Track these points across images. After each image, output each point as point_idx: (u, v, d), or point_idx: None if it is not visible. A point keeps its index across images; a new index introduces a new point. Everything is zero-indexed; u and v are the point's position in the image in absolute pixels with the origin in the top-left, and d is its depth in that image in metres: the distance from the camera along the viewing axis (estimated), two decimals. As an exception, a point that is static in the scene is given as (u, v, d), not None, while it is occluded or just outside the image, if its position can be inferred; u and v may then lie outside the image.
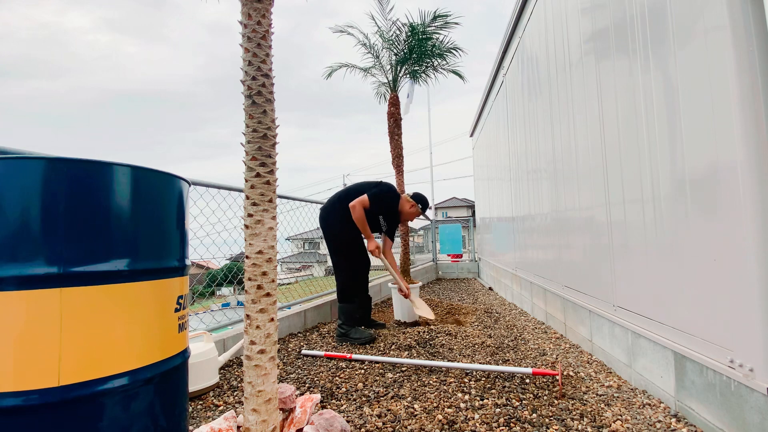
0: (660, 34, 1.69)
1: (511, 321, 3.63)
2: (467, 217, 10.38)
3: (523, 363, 2.36)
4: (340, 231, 3.09)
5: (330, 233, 3.13)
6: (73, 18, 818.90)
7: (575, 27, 2.68)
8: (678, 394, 1.66)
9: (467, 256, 9.51)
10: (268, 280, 1.26)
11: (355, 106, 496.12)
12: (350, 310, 3.03)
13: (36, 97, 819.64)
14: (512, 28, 4.50)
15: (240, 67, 1.28)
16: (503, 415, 1.67)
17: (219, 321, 2.74)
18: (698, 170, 1.49)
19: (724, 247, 1.37)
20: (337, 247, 3.11)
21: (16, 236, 0.96)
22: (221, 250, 2.88)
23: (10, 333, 0.93)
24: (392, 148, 4.27)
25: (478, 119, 7.86)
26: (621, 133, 2.08)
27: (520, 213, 4.60)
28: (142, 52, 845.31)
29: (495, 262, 6.30)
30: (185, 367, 1.30)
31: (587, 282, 2.61)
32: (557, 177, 3.14)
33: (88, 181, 1.03)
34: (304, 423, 1.38)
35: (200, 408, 1.88)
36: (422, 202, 3.30)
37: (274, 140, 1.30)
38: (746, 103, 1.27)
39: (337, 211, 3.11)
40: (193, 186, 2.41)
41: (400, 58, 4.40)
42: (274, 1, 1.33)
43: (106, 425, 1.00)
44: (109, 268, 1.04)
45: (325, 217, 3.17)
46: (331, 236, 3.13)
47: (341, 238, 3.09)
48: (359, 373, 2.24)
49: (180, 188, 1.28)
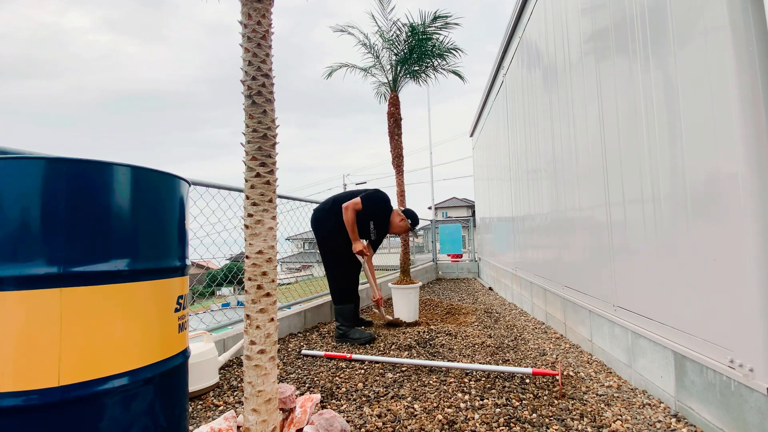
0: (660, 34, 1.69)
1: (511, 321, 3.63)
2: (467, 217, 10.38)
3: (523, 363, 2.36)
4: (331, 234, 3.10)
5: (321, 236, 3.15)
6: (73, 18, 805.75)
7: (575, 27, 2.68)
8: (678, 394, 1.66)
9: (467, 256, 9.50)
10: (268, 280, 1.26)
11: (355, 106, 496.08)
12: (347, 310, 3.03)
13: (36, 97, 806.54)
14: (512, 28, 4.50)
15: (240, 67, 1.28)
16: (503, 415, 1.67)
17: (219, 321, 2.74)
18: (698, 170, 1.49)
19: (724, 246, 1.37)
20: (330, 249, 3.12)
21: (16, 236, 0.96)
22: (221, 250, 2.88)
23: (10, 333, 0.93)
24: (392, 148, 4.26)
25: (478, 119, 7.87)
26: (621, 133, 2.08)
27: (520, 213, 4.60)
28: (142, 52, 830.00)
29: (495, 262, 6.30)
30: (185, 367, 1.30)
31: (587, 282, 2.61)
32: (557, 177, 3.14)
33: (88, 181, 1.03)
34: (304, 423, 1.38)
35: (200, 408, 1.88)
36: (413, 218, 3.37)
37: (274, 140, 1.30)
38: (746, 102, 1.27)
39: (329, 214, 3.12)
40: (193, 186, 2.41)
41: (400, 58, 4.40)
42: (274, 1, 1.33)
43: (106, 425, 1.00)
44: (109, 268, 1.04)
45: (317, 219, 3.18)
46: (322, 239, 3.15)
47: (333, 241, 3.10)
48: (359, 373, 2.24)
49: (180, 188, 1.28)
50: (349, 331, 2.93)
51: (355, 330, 2.94)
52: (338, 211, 3.06)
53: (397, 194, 4.21)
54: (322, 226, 3.14)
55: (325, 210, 3.17)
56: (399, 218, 3.30)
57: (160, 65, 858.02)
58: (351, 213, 2.98)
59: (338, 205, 3.08)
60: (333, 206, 3.13)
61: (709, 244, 1.45)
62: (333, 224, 3.08)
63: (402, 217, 3.31)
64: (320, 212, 3.19)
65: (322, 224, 3.14)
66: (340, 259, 3.12)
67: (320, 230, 3.15)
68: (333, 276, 3.13)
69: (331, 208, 3.13)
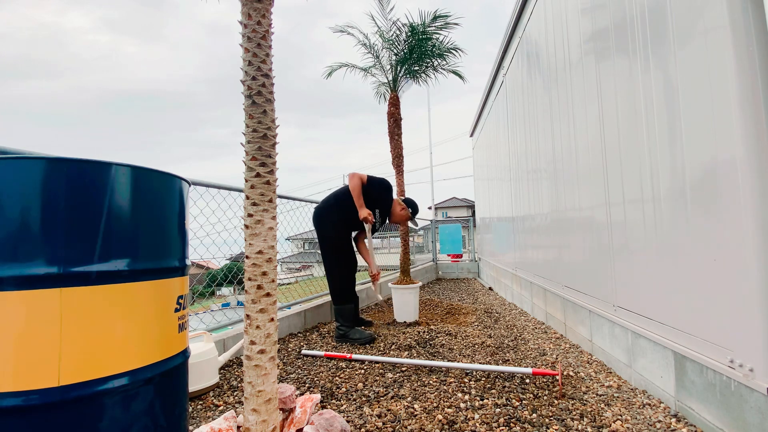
0: (660, 34, 1.69)
1: (511, 321, 3.63)
2: (467, 217, 10.38)
3: (523, 363, 2.36)
4: (334, 234, 3.10)
5: (323, 233, 3.15)
6: (73, 18, 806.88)
7: (575, 27, 2.68)
8: (678, 394, 1.66)
9: (467, 256, 9.50)
10: (268, 280, 1.26)
11: (355, 106, 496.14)
12: (347, 310, 3.03)
13: (36, 97, 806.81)
14: (512, 28, 4.50)
15: (240, 67, 1.28)
16: (503, 415, 1.67)
17: (219, 321, 2.74)
18: (698, 170, 1.49)
19: (724, 246, 1.37)
20: (330, 247, 3.12)
21: (16, 236, 0.96)
22: (221, 250, 2.88)
23: (10, 333, 0.93)
24: (392, 148, 4.26)
25: (478, 119, 7.87)
26: (621, 133, 2.08)
27: (520, 213, 4.60)
28: (142, 52, 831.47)
29: (495, 262, 6.30)
30: (185, 367, 1.30)
31: (587, 282, 2.61)
32: (557, 177, 3.14)
33: (88, 181, 1.03)
34: (304, 423, 1.38)
35: (200, 408, 1.88)
36: (413, 207, 3.42)
37: (274, 140, 1.30)
38: (746, 102, 1.27)
39: (330, 210, 3.13)
40: (193, 186, 2.41)
41: (400, 58, 4.40)
42: (274, 1, 1.33)
43: (106, 425, 1.00)
44: (109, 268, 1.04)
45: (319, 215, 3.19)
46: (324, 238, 3.15)
47: (333, 239, 3.11)
48: (359, 373, 2.24)
49: (180, 188, 1.28)
50: (349, 331, 2.93)
51: (355, 330, 2.94)
52: (340, 207, 3.09)
53: (397, 194, 4.21)
54: (324, 224, 3.15)
55: (328, 206, 3.18)
56: (400, 207, 3.34)
57: (160, 65, 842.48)
58: (357, 180, 3.03)
59: (340, 199, 3.11)
60: (335, 202, 3.15)
61: (709, 244, 1.45)
62: (336, 223, 3.09)
63: (402, 206, 3.35)
64: (322, 209, 3.20)
65: (324, 222, 3.15)
66: (341, 258, 3.12)
67: (323, 229, 3.15)
68: (333, 276, 3.13)
69: (334, 204, 3.15)
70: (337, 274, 3.12)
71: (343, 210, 3.10)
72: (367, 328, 3.26)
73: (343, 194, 3.15)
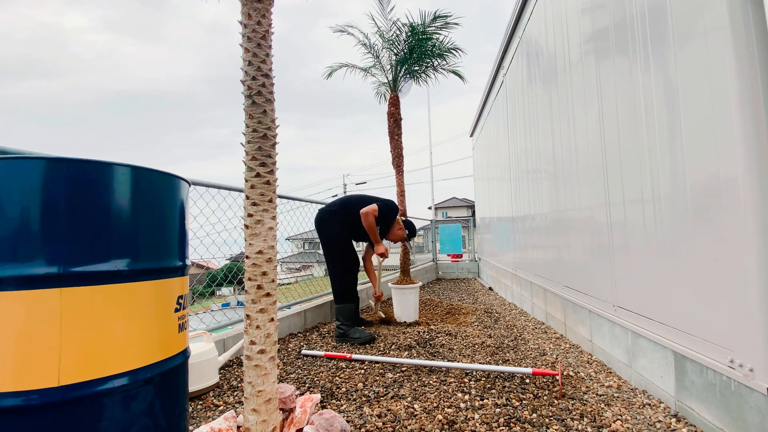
0: (660, 34, 1.69)
1: (511, 321, 3.63)
2: (467, 217, 10.38)
3: (523, 363, 2.36)
4: (336, 235, 3.17)
5: (326, 237, 3.20)
6: (73, 18, 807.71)
7: (575, 27, 2.68)
8: (678, 394, 1.66)
9: (467, 256, 9.50)
10: (268, 280, 1.27)
11: (355, 106, 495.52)
12: (348, 310, 3.05)
13: (36, 97, 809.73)
14: (512, 28, 4.50)
15: (240, 67, 1.28)
16: (503, 415, 1.67)
17: (219, 321, 2.74)
18: (698, 169, 1.49)
19: (724, 246, 1.37)
20: (334, 251, 3.18)
21: (16, 236, 0.96)
22: (221, 250, 2.88)
23: (10, 333, 0.93)
24: (392, 148, 4.26)
25: (478, 119, 7.86)
26: (621, 133, 2.08)
27: (520, 213, 4.60)
28: (141, 52, 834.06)
29: (495, 262, 6.30)
30: (185, 367, 1.30)
31: (587, 282, 2.61)
32: (557, 177, 3.14)
33: (88, 181, 1.03)
34: (304, 423, 1.38)
35: (200, 408, 1.88)
36: (410, 230, 3.56)
37: (274, 140, 1.30)
38: (746, 102, 1.27)
39: (336, 216, 3.19)
40: (193, 186, 2.41)
41: (400, 58, 4.40)
42: (274, 1, 1.33)
43: (106, 425, 1.00)
44: (109, 268, 1.04)
45: (323, 219, 3.23)
46: (327, 240, 3.20)
47: (336, 240, 3.17)
48: (359, 373, 2.24)
49: (180, 188, 1.28)
50: (350, 330, 2.93)
51: (355, 330, 2.94)
52: (346, 215, 3.16)
53: (397, 194, 4.21)
54: (327, 226, 3.20)
55: (332, 212, 3.24)
56: (398, 227, 3.42)
57: (159, 65, 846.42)
58: (371, 218, 3.08)
59: (347, 209, 3.18)
60: (341, 209, 3.21)
61: (709, 244, 1.45)
62: (339, 227, 3.16)
63: (401, 227, 3.43)
64: (327, 213, 3.25)
65: (327, 225, 3.20)
66: (344, 260, 3.17)
67: (325, 231, 3.20)
68: (336, 276, 3.17)
69: (339, 211, 3.21)
70: (340, 274, 3.16)
71: (347, 221, 3.17)
72: (367, 328, 3.27)
73: (351, 206, 3.20)
